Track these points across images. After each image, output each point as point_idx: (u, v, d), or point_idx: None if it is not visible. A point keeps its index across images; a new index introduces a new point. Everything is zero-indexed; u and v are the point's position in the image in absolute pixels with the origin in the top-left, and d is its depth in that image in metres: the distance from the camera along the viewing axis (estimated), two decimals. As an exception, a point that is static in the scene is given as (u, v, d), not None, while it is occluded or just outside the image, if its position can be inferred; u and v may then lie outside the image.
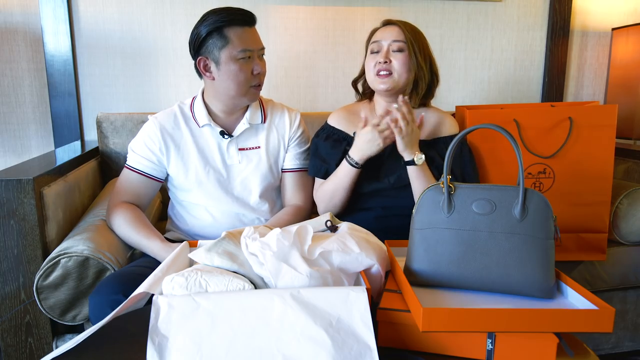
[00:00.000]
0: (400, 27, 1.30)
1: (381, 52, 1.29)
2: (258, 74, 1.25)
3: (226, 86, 1.25)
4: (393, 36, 1.29)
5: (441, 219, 0.87)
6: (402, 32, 1.29)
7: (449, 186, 0.87)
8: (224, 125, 1.32)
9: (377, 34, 1.34)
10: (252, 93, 1.28)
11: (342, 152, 1.34)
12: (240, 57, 1.21)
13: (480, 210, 0.85)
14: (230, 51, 1.20)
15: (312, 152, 1.38)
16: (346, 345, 0.71)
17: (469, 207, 0.86)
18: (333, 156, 1.34)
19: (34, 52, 1.88)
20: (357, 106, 1.44)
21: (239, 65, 1.22)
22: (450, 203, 0.87)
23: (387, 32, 1.30)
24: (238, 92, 1.25)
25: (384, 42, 1.30)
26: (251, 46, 1.22)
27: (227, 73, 1.22)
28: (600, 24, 2.30)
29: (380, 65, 1.28)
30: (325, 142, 1.36)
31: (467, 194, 0.87)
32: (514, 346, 0.76)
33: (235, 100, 1.29)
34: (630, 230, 1.65)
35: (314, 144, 1.39)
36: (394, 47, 1.28)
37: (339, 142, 1.36)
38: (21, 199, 1.19)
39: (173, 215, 1.41)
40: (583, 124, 1.46)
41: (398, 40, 1.28)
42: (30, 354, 1.28)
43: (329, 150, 1.35)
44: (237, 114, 1.33)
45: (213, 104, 1.32)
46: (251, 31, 1.24)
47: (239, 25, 1.21)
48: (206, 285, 0.80)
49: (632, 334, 1.75)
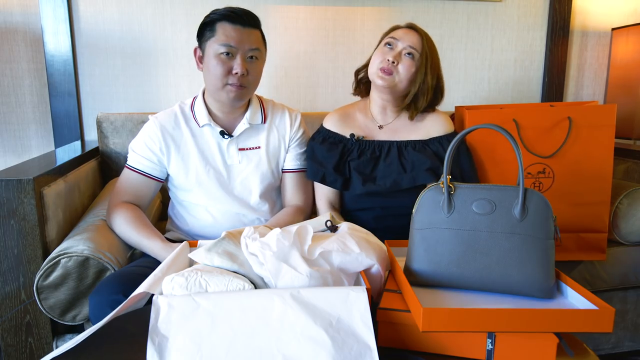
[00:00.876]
0: (422, 37, 1.29)
1: (394, 50, 1.28)
2: (236, 73, 1.22)
3: (207, 79, 1.27)
4: (412, 42, 1.27)
5: (441, 219, 0.87)
6: (422, 42, 1.28)
7: (449, 186, 0.87)
8: (224, 125, 1.32)
9: (398, 32, 1.31)
10: (229, 91, 1.24)
11: (339, 155, 1.34)
12: (220, 52, 1.21)
13: (481, 210, 0.85)
14: (212, 44, 1.21)
15: (309, 156, 1.38)
16: (346, 345, 0.71)
17: (469, 207, 0.86)
18: (329, 159, 1.34)
19: (34, 52, 1.88)
20: (352, 107, 1.44)
21: (217, 59, 1.21)
22: (450, 203, 0.87)
23: (409, 36, 1.29)
24: (215, 86, 1.25)
25: (400, 43, 1.28)
26: (233, 43, 1.20)
27: (207, 65, 1.24)
28: (600, 24, 2.30)
29: (386, 63, 1.27)
30: (321, 146, 1.36)
31: (467, 194, 0.87)
32: (514, 346, 0.76)
33: (216, 96, 1.28)
34: (630, 230, 1.65)
35: (310, 147, 1.39)
36: (407, 51, 1.27)
37: (335, 145, 1.36)
38: (21, 199, 1.19)
39: (173, 215, 1.41)
40: (582, 123, 1.46)
41: (414, 48, 1.27)
42: (30, 354, 1.28)
43: (325, 154, 1.34)
44: (236, 114, 1.33)
45: (211, 103, 1.32)
46: (243, 31, 1.21)
47: (230, 22, 1.21)
48: (206, 285, 0.80)
49: (632, 334, 1.75)
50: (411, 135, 1.37)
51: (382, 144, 1.36)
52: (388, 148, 1.35)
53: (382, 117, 1.39)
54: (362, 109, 1.41)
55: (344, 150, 1.35)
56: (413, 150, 1.34)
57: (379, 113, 1.39)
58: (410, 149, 1.34)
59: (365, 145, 1.36)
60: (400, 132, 1.38)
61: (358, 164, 1.33)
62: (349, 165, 1.34)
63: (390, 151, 1.35)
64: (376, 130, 1.38)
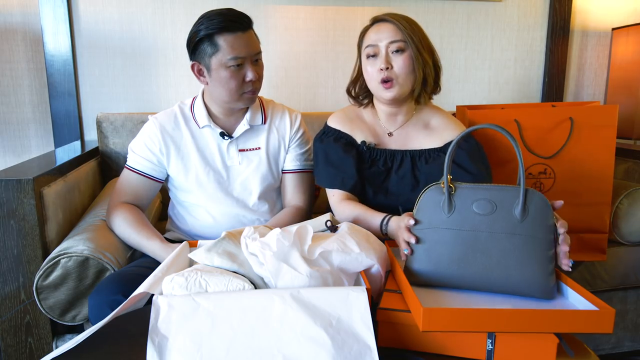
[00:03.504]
0: (395, 24, 1.16)
1: (379, 56, 1.17)
2: (250, 80, 1.22)
3: (218, 92, 1.24)
4: (390, 36, 1.15)
5: (441, 219, 0.87)
6: (399, 29, 1.15)
7: (450, 186, 0.87)
8: (224, 126, 1.32)
9: (370, 36, 1.19)
10: (246, 98, 1.26)
11: (356, 159, 1.23)
12: (230, 65, 1.18)
13: (481, 211, 0.85)
14: (220, 59, 1.18)
15: (322, 160, 1.26)
16: (346, 345, 0.71)
17: (469, 207, 0.85)
18: (347, 162, 1.22)
19: (34, 52, 1.88)
20: (358, 109, 1.34)
21: (229, 72, 1.19)
22: (450, 203, 0.87)
23: (382, 32, 1.16)
24: (230, 99, 1.24)
25: (380, 44, 1.16)
26: (242, 53, 1.19)
27: (218, 80, 1.21)
28: (600, 24, 2.30)
29: (382, 73, 1.16)
30: (335, 145, 1.24)
31: (468, 194, 0.86)
32: (514, 346, 0.76)
33: (230, 105, 1.28)
34: (630, 230, 1.65)
35: (321, 150, 1.27)
36: (392, 48, 1.15)
37: (350, 146, 1.25)
38: (21, 199, 1.19)
39: (173, 216, 1.41)
40: (584, 124, 1.46)
41: (396, 40, 1.15)
42: (30, 354, 1.27)
43: (342, 155, 1.23)
44: (236, 115, 1.33)
45: (212, 106, 1.32)
46: (244, 36, 1.19)
47: (230, 31, 1.17)
48: (206, 285, 0.80)
49: (632, 334, 1.75)
50: (424, 143, 1.26)
51: (395, 154, 1.25)
52: (401, 159, 1.25)
53: (391, 124, 1.29)
54: (370, 110, 1.32)
55: (358, 154, 1.24)
56: (427, 162, 1.24)
57: (387, 120, 1.29)
58: (424, 160, 1.24)
59: (376, 154, 1.25)
60: (413, 140, 1.27)
61: (369, 174, 1.24)
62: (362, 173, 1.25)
63: (403, 163, 1.24)
64: (386, 138, 1.28)
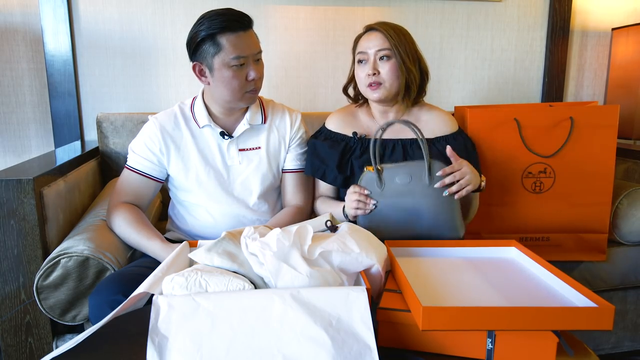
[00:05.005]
0: (384, 33, 1.28)
1: (368, 62, 1.29)
2: (253, 79, 1.23)
3: (220, 92, 1.24)
4: (378, 45, 1.27)
5: (377, 192, 1.18)
6: (386, 38, 1.27)
7: (378, 169, 1.18)
8: (224, 126, 1.32)
9: (362, 43, 1.32)
10: (248, 97, 1.27)
11: (341, 153, 1.34)
12: (233, 64, 1.19)
13: (402, 182, 1.17)
14: (223, 58, 1.19)
15: (310, 152, 1.38)
16: (346, 345, 0.71)
17: (394, 180, 1.17)
18: (332, 157, 1.34)
19: (34, 52, 1.88)
20: (354, 107, 1.44)
21: (232, 72, 1.20)
22: (380, 180, 1.18)
23: (372, 41, 1.29)
24: (233, 98, 1.25)
25: (369, 52, 1.28)
26: (244, 52, 1.20)
27: (221, 79, 1.21)
28: (600, 24, 2.30)
29: (370, 78, 1.28)
30: (323, 143, 1.36)
31: (391, 172, 1.18)
32: (514, 345, 0.76)
33: (232, 104, 1.28)
34: (630, 230, 1.65)
35: (311, 144, 1.39)
36: (380, 55, 1.27)
37: (337, 142, 1.36)
38: (21, 199, 1.19)
39: (173, 215, 1.41)
40: (584, 124, 1.46)
41: (383, 49, 1.27)
42: (30, 354, 1.28)
43: (327, 150, 1.34)
44: (237, 115, 1.33)
45: (212, 106, 1.32)
46: (246, 35, 1.20)
47: (232, 31, 1.18)
48: (206, 285, 0.80)
49: (632, 334, 1.75)
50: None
51: (387, 142, 1.35)
52: (393, 146, 1.34)
53: (384, 120, 1.38)
54: (365, 109, 1.42)
55: (346, 148, 1.35)
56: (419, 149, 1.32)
57: (381, 117, 1.39)
58: (416, 147, 1.33)
59: (368, 143, 1.35)
60: (405, 131, 1.36)
61: (362, 162, 1.32)
62: (352, 163, 1.34)
63: (395, 149, 1.34)
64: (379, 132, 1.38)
